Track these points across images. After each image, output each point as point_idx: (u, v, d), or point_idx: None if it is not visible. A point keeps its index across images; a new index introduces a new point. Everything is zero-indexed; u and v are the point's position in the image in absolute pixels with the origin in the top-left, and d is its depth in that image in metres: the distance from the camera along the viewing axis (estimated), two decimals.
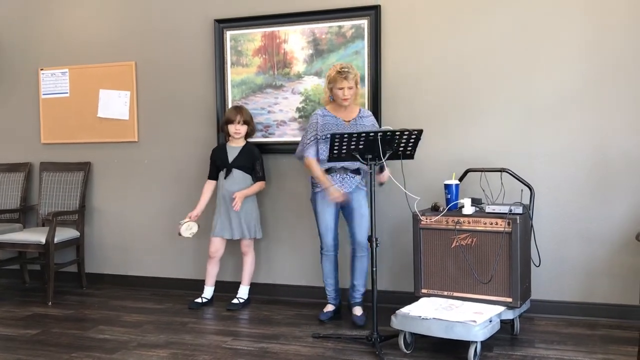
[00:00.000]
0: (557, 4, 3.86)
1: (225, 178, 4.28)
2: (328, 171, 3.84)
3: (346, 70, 3.72)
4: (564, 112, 3.88)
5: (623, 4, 3.75)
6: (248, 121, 4.30)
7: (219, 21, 4.58)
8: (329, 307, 4.04)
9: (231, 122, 4.27)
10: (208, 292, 4.43)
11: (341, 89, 3.73)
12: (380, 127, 4.08)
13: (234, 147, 4.33)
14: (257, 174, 4.32)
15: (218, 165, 4.35)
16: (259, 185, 4.32)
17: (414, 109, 4.17)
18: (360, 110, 3.91)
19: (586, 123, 3.84)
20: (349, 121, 3.83)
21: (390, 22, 4.20)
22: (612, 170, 3.82)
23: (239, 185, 4.25)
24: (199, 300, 4.38)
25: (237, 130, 4.27)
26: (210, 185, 4.40)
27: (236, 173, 4.27)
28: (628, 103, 3.77)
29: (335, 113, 3.86)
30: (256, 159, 4.30)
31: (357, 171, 3.87)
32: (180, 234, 4.29)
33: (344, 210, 3.92)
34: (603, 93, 3.81)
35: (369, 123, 3.87)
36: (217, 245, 4.35)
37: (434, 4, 4.11)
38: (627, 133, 3.78)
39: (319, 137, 3.82)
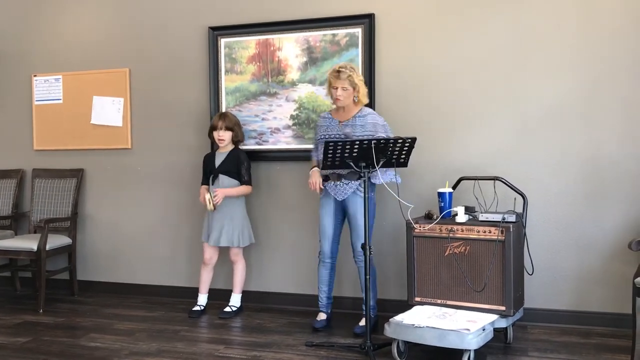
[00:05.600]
0: (550, 15, 3.89)
1: (212, 183, 4.27)
2: (325, 178, 3.85)
3: (341, 69, 3.69)
4: (557, 121, 3.90)
5: (614, 16, 3.77)
6: (231, 127, 4.27)
7: (213, 28, 4.59)
8: (321, 316, 4.01)
9: (214, 128, 4.28)
10: (202, 299, 4.41)
11: (335, 88, 3.71)
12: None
13: (222, 152, 4.33)
14: (242, 178, 4.28)
15: (207, 171, 4.34)
16: (243, 187, 4.28)
17: (408, 116, 4.17)
18: (361, 109, 3.80)
19: (578, 133, 3.86)
20: (342, 122, 3.80)
21: (385, 30, 4.21)
22: (604, 179, 3.83)
23: None
24: (197, 308, 4.36)
25: (221, 136, 4.26)
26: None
27: (222, 178, 4.25)
28: (619, 114, 3.79)
29: (334, 114, 3.87)
30: (241, 163, 4.27)
31: (352, 176, 3.76)
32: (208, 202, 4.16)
33: (347, 217, 3.90)
34: (595, 103, 3.83)
35: (365, 122, 3.74)
36: (210, 253, 4.33)
37: (428, 13, 4.13)
38: (618, 143, 3.79)
39: (317, 139, 3.91)
